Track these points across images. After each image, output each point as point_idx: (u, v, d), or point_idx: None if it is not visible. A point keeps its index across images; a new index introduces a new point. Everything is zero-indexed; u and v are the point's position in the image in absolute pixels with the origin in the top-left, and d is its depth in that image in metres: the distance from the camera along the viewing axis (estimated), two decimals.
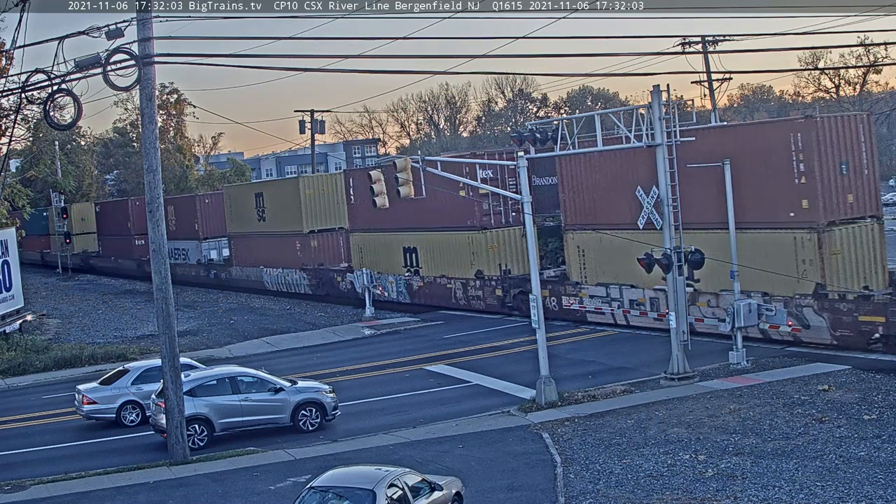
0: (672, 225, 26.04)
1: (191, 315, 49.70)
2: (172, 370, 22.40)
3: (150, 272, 22.75)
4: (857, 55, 75.00)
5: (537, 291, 25.49)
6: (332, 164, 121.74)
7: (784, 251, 28.24)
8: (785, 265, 28.08)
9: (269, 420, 24.25)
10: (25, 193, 55.16)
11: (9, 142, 48.53)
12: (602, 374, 28.19)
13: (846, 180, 28.14)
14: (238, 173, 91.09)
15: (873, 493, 16.32)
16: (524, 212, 25.69)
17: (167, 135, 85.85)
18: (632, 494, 17.42)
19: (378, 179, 27.17)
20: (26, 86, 22.26)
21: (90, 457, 23.93)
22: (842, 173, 28.06)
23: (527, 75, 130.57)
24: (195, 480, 20.58)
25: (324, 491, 15.19)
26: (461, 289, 40.28)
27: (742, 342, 27.05)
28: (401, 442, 22.50)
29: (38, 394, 32.61)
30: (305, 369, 32.36)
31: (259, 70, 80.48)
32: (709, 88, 55.79)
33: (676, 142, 25.78)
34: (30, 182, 64.47)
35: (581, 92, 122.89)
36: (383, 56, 61.82)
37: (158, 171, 22.58)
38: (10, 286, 43.02)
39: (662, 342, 28.99)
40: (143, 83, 21.60)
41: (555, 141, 27.64)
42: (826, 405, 22.15)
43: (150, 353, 34.64)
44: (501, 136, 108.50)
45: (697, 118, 31.28)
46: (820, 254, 27.76)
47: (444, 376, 30.11)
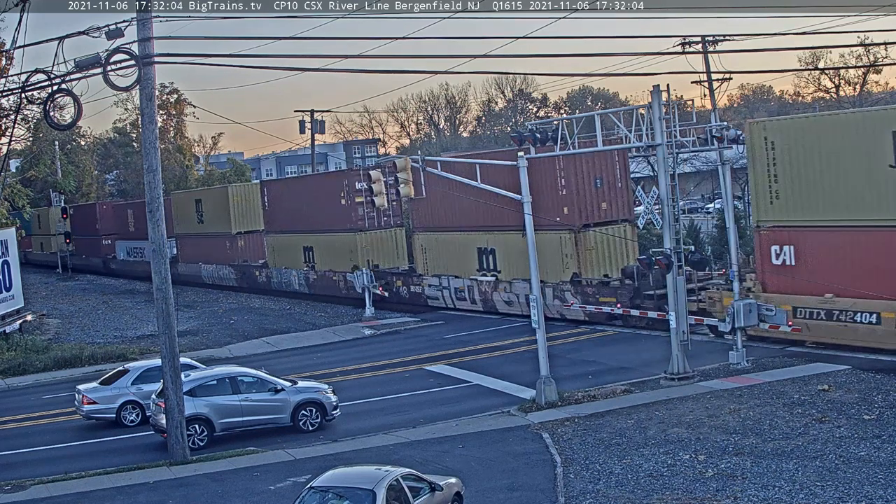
0: (672, 225, 26.06)
1: (191, 315, 49.70)
2: (172, 370, 22.40)
3: (114, 268, 22.83)
4: (857, 55, 74.95)
5: (537, 292, 25.51)
6: (333, 164, 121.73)
7: (553, 247, 36.03)
8: (554, 259, 36.08)
9: (270, 420, 24.25)
10: (25, 193, 55.16)
11: (9, 142, 48.55)
12: (602, 374, 28.20)
13: (601, 192, 35.81)
14: (238, 173, 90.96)
15: (873, 493, 16.32)
16: (524, 212, 25.67)
17: (167, 135, 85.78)
18: (632, 494, 17.43)
19: (378, 179, 27.19)
20: (26, 86, 22.26)
21: (90, 457, 23.93)
22: (596, 186, 35.80)
23: (527, 75, 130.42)
24: (195, 480, 20.58)
25: (324, 491, 15.19)
26: (342, 280, 47.69)
27: (742, 342, 27.05)
28: (401, 442, 22.50)
29: (38, 394, 32.62)
30: (305, 369, 32.37)
31: (259, 70, 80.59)
32: (709, 88, 55.74)
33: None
34: (30, 182, 64.47)
35: (581, 92, 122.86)
36: (383, 56, 62.02)
37: (158, 171, 22.58)
38: (10, 286, 43.03)
39: (663, 342, 29.00)
40: (143, 83, 21.61)
41: (555, 141, 27.67)
42: (826, 405, 22.15)
43: (150, 353, 34.65)
44: (501, 136, 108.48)
45: (697, 118, 31.43)
46: (577, 249, 35.83)
47: (444, 376, 30.11)
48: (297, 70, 32.62)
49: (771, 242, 28.89)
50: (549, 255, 35.65)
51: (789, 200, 28.21)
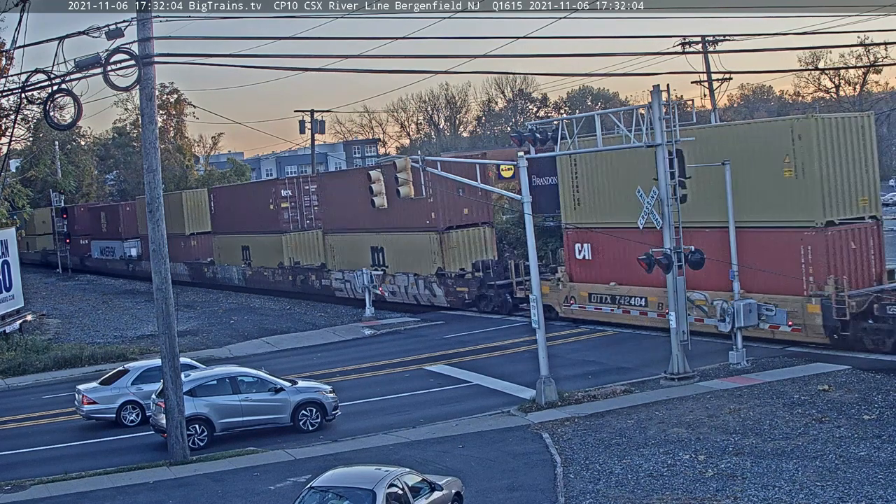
0: (672, 225, 26.04)
1: (191, 315, 49.71)
2: (172, 370, 22.39)
3: (91, 266, 22.92)
4: (857, 55, 75.02)
5: (537, 292, 25.50)
6: (333, 164, 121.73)
7: (424, 246, 43.64)
8: (425, 255, 43.47)
9: (270, 420, 24.25)
10: (25, 193, 55.11)
11: (9, 142, 48.56)
12: (602, 374, 28.20)
13: (463, 200, 41.26)
14: (238, 173, 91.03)
15: (873, 493, 16.32)
16: (525, 212, 25.67)
17: (167, 135, 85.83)
18: (632, 494, 17.42)
19: (377, 180, 27.24)
20: (26, 86, 22.25)
21: (90, 457, 23.92)
22: (459, 195, 40.39)
23: (527, 75, 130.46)
24: (195, 480, 20.58)
25: (324, 491, 15.18)
26: (271, 275, 55.46)
27: (742, 342, 27.08)
28: (401, 442, 22.50)
29: (38, 394, 32.61)
30: (305, 369, 32.36)
31: (259, 70, 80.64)
32: (709, 88, 55.82)
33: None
34: (30, 182, 64.43)
35: (581, 92, 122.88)
36: (383, 56, 62.32)
37: (158, 171, 22.57)
38: (10, 286, 43.02)
39: (663, 342, 29.00)
40: (143, 83, 21.60)
41: (555, 141, 27.66)
42: (826, 405, 22.15)
43: (150, 353, 34.64)
44: (501, 136, 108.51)
45: (697, 118, 31.49)
46: (441, 248, 42.67)
47: (444, 376, 30.11)
48: (297, 70, 32.73)
49: (575, 241, 36.01)
50: (421, 253, 43.88)
51: (587, 206, 35.27)
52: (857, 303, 27.04)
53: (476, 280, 41.05)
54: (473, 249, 43.11)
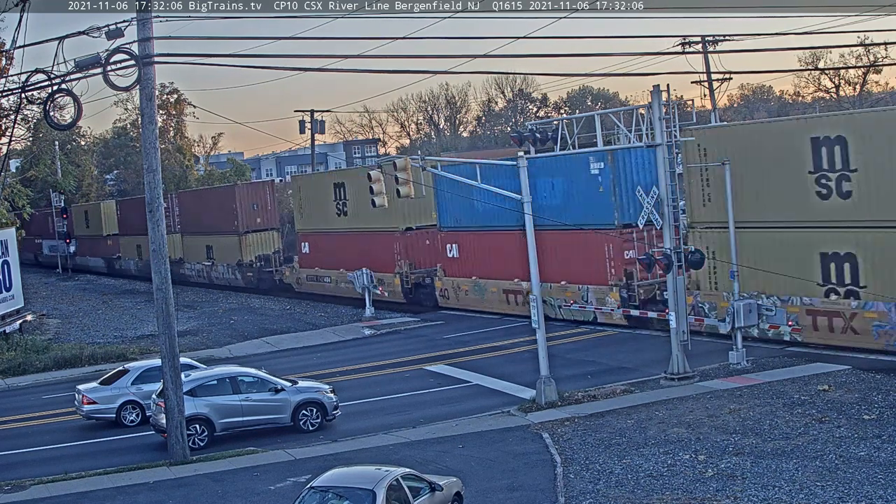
0: (672, 225, 26.05)
1: (191, 315, 49.71)
2: (172, 370, 22.40)
3: (41, 261, 22.92)
4: (857, 55, 74.88)
5: (537, 291, 25.49)
6: (333, 164, 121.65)
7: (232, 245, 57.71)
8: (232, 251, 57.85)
9: (270, 420, 24.25)
10: (25, 193, 55.12)
11: (9, 142, 48.57)
12: (602, 374, 28.19)
13: (256, 212, 56.19)
14: (238, 173, 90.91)
15: (873, 493, 16.32)
16: (525, 212, 25.68)
17: (167, 135, 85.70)
18: (632, 494, 17.43)
19: (378, 179, 27.19)
20: (26, 86, 22.26)
21: (90, 457, 23.93)
22: (253, 209, 56.02)
23: (527, 75, 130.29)
24: (195, 480, 20.58)
25: (324, 491, 15.19)
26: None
27: (742, 342, 27.07)
28: (401, 442, 22.50)
29: (38, 394, 32.62)
30: (306, 369, 32.37)
31: (259, 70, 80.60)
32: (709, 88, 55.83)
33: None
34: (30, 182, 64.44)
35: (581, 92, 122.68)
36: (383, 56, 62.39)
37: (158, 171, 22.57)
38: (10, 286, 43.01)
39: (663, 342, 29.00)
40: (143, 83, 21.60)
41: (555, 141, 27.66)
42: (826, 405, 22.15)
43: (150, 353, 34.63)
44: (501, 136, 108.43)
45: (697, 118, 31.47)
46: (240, 246, 57.34)
47: (444, 376, 30.11)
48: (297, 70, 32.65)
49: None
50: (227, 250, 58.78)
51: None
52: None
53: (256, 269, 56.54)
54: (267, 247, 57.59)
